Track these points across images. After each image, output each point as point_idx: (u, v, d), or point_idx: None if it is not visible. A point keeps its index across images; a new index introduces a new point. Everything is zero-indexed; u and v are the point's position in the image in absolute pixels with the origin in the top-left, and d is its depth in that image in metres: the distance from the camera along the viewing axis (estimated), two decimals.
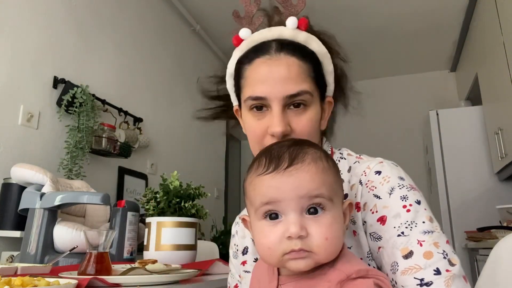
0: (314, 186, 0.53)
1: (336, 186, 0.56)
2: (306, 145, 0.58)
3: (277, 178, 0.53)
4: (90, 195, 1.25)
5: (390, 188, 0.65)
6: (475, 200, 3.05)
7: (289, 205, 0.52)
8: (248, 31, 0.77)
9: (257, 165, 0.57)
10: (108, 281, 0.81)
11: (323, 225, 0.52)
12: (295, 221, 0.51)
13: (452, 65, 4.12)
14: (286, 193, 0.52)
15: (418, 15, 3.27)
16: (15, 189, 1.50)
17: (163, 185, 1.24)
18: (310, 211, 0.53)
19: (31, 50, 1.81)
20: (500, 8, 2.56)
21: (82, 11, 2.14)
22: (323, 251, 0.51)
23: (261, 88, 0.70)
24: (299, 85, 0.69)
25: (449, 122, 3.31)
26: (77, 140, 1.84)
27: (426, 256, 0.57)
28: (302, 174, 0.53)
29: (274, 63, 0.70)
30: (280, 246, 0.52)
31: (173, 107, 3.00)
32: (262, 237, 0.54)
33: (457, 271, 0.56)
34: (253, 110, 0.72)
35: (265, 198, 0.53)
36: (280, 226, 0.52)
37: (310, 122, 0.71)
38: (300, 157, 0.55)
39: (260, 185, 0.55)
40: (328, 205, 0.53)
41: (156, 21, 2.88)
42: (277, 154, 0.56)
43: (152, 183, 2.56)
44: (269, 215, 0.54)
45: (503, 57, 2.52)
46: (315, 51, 0.74)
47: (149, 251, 1.17)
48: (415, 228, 0.60)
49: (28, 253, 1.19)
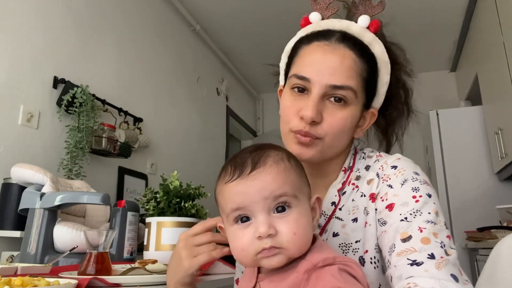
0: (277, 186, 0.55)
1: (300, 184, 0.59)
2: (268, 148, 0.60)
3: (242, 184, 0.56)
4: (90, 195, 1.24)
5: (403, 180, 0.66)
6: (475, 200, 3.05)
7: (257, 207, 0.55)
8: (318, 16, 0.77)
9: (224, 174, 0.59)
10: (108, 281, 0.81)
11: (290, 221, 0.55)
12: (263, 221, 0.54)
13: (452, 65, 4.12)
14: (252, 196, 0.55)
15: (418, 15, 3.27)
16: (15, 189, 1.50)
17: (163, 185, 1.24)
18: (278, 210, 0.55)
19: (31, 50, 1.81)
20: (500, 8, 2.56)
21: (82, 11, 2.14)
22: (293, 246, 0.54)
23: (308, 69, 0.69)
24: (346, 79, 0.68)
25: (449, 122, 3.31)
26: (77, 140, 1.84)
27: (423, 241, 0.58)
28: (265, 176, 0.56)
29: (330, 50, 0.69)
30: (252, 246, 0.54)
31: (173, 107, 3.00)
32: (235, 240, 0.57)
33: (452, 259, 0.56)
34: (293, 90, 0.71)
35: (234, 204, 0.56)
36: (251, 228, 0.55)
37: (344, 121, 0.69)
38: (262, 160, 0.57)
39: (228, 193, 0.57)
40: (293, 202, 0.56)
41: (156, 21, 2.88)
42: (240, 161, 0.58)
43: (152, 183, 2.56)
44: (240, 218, 0.57)
45: (503, 57, 2.52)
46: (376, 56, 0.73)
47: (149, 251, 1.17)
48: (419, 216, 0.61)
49: (28, 253, 1.19)
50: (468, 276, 0.57)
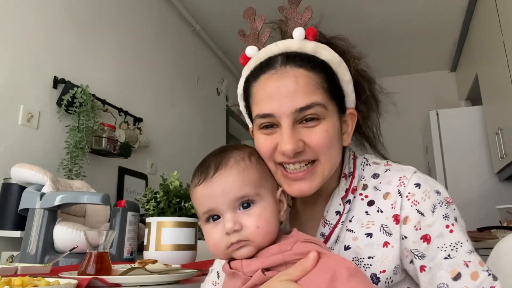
0: (238, 188, 0.61)
1: (261, 180, 0.64)
2: (232, 149, 0.65)
3: (207, 187, 0.62)
4: (90, 195, 1.24)
5: (432, 206, 0.65)
6: (475, 200, 3.05)
7: (223, 207, 0.61)
8: (254, 49, 0.73)
9: (193, 178, 0.65)
10: (108, 281, 0.81)
11: (254, 216, 0.61)
12: (229, 219, 0.60)
13: (452, 65, 4.12)
14: (217, 199, 0.61)
15: (418, 15, 3.27)
16: (15, 189, 1.50)
17: (163, 185, 1.24)
18: (244, 206, 0.61)
19: (31, 50, 1.81)
20: (500, 8, 2.56)
21: (82, 11, 2.14)
22: (257, 237, 0.60)
23: (268, 105, 0.66)
24: (308, 98, 0.65)
25: (449, 122, 3.31)
26: (77, 140, 1.84)
27: (473, 277, 0.61)
28: (226, 178, 0.61)
29: (280, 77, 0.66)
30: (222, 241, 0.61)
31: (173, 107, 3.00)
32: (208, 237, 0.63)
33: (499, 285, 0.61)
34: (263, 130, 0.69)
35: (204, 208, 0.63)
36: (220, 225, 0.61)
37: (326, 134, 0.66)
38: (223, 162, 0.63)
39: (197, 196, 0.63)
40: (256, 198, 0.62)
41: (156, 21, 2.87)
42: (205, 164, 0.64)
43: (152, 183, 2.56)
44: (211, 217, 0.63)
45: (503, 57, 2.52)
46: (327, 60, 0.69)
47: (149, 251, 1.17)
48: (460, 248, 0.63)
49: (28, 253, 1.19)
50: None
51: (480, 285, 0.60)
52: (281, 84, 0.66)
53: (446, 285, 0.62)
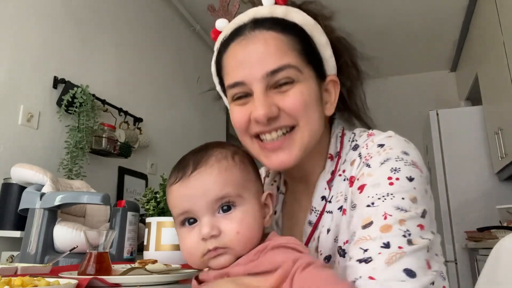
0: (218, 188, 0.54)
1: (244, 182, 0.57)
2: (214, 146, 0.59)
3: (184, 186, 0.55)
4: (90, 195, 1.24)
5: (385, 158, 0.57)
6: (475, 200, 3.05)
7: (200, 209, 0.54)
8: (224, 21, 0.69)
9: (170, 176, 0.58)
10: (108, 281, 0.81)
11: (234, 221, 0.54)
12: (206, 223, 0.53)
13: (452, 65, 4.12)
14: (194, 199, 0.54)
15: (418, 15, 3.27)
16: (15, 189, 1.50)
17: (163, 185, 1.24)
18: (224, 209, 0.54)
19: (31, 50, 1.81)
20: (500, 8, 2.56)
21: (82, 11, 2.14)
22: (237, 245, 0.53)
23: (238, 73, 0.62)
24: (279, 60, 0.60)
25: (449, 122, 3.30)
26: (77, 140, 1.84)
27: (383, 229, 0.50)
28: (206, 177, 0.55)
29: (249, 42, 0.62)
30: (198, 248, 0.54)
31: (173, 107, 3.00)
32: (183, 243, 0.57)
33: (412, 250, 0.48)
34: (236, 102, 0.65)
35: (179, 209, 0.56)
36: (196, 230, 0.55)
37: (300, 97, 0.60)
38: (203, 160, 0.56)
39: (173, 196, 0.57)
40: (238, 201, 0.55)
41: (156, 21, 2.88)
42: (184, 161, 0.57)
43: (152, 183, 2.56)
44: (187, 220, 0.56)
45: (503, 57, 2.52)
46: (299, 23, 0.65)
47: (149, 251, 1.17)
48: (389, 201, 0.53)
49: (28, 253, 1.19)
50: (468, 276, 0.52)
51: (384, 239, 0.49)
52: (250, 50, 0.62)
53: (354, 234, 0.54)
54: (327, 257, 0.63)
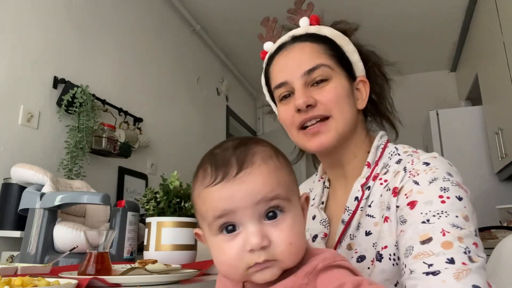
0: (269, 189, 0.48)
1: (291, 184, 0.52)
2: (253, 143, 0.53)
3: (227, 188, 0.48)
4: (90, 195, 1.24)
5: (433, 178, 0.61)
6: (475, 200, 3.01)
7: (246, 214, 0.47)
8: (270, 43, 0.85)
9: (203, 175, 0.51)
10: (108, 281, 0.81)
11: (285, 229, 0.48)
12: (255, 231, 0.47)
13: (452, 65, 4.11)
14: (240, 202, 0.47)
15: (418, 15, 3.27)
16: (15, 189, 1.49)
17: (163, 185, 1.24)
18: (269, 216, 0.48)
19: (31, 50, 1.81)
20: (500, 8, 2.56)
21: (82, 11, 2.14)
22: (288, 257, 0.48)
23: (281, 75, 0.76)
24: (314, 61, 0.74)
25: (449, 122, 3.30)
26: (77, 140, 1.84)
27: (444, 245, 0.53)
28: (254, 177, 0.48)
29: (290, 52, 0.78)
30: (242, 260, 0.47)
31: (173, 107, 3.00)
32: (221, 255, 0.50)
33: (475, 268, 0.50)
34: (282, 101, 0.78)
35: (218, 212, 0.48)
36: (239, 239, 0.48)
37: (334, 90, 0.73)
38: (248, 159, 0.50)
39: (210, 198, 0.49)
40: (286, 206, 0.49)
41: (156, 21, 2.87)
42: (222, 159, 0.50)
43: (152, 183, 2.56)
44: (225, 227, 0.49)
45: (503, 57, 2.52)
46: (329, 35, 0.79)
47: (149, 251, 1.17)
48: (444, 218, 0.55)
49: (28, 253, 1.19)
50: None
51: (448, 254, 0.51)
52: (290, 57, 0.77)
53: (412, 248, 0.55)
54: (361, 256, 0.68)
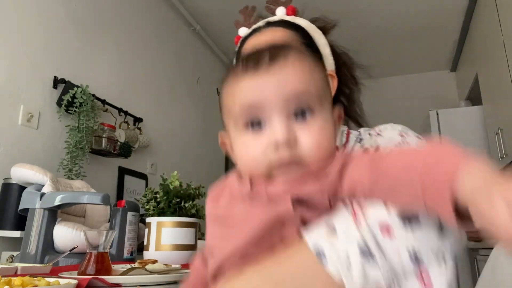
0: (300, 84, 0.45)
1: (324, 88, 0.48)
2: (288, 46, 0.51)
3: (257, 78, 0.45)
4: (90, 195, 1.24)
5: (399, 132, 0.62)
6: None
7: (274, 108, 0.44)
8: (244, 29, 0.87)
9: (234, 71, 0.48)
10: (108, 281, 0.81)
11: (314, 130, 0.44)
12: (282, 125, 0.43)
13: (452, 65, 4.11)
14: (269, 93, 0.44)
15: (418, 15, 3.27)
16: (15, 189, 1.50)
17: (163, 185, 1.24)
18: (298, 116, 0.45)
19: (31, 50, 1.81)
20: (500, 8, 2.56)
21: (82, 11, 2.14)
22: (314, 159, 0.44)
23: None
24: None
25: (449, 122, 3.31)
26: (77, 140, 1.84)
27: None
28: (287, 71, 0.45)
29: (262, 34, 0.79)
30: (265, 157, 0.44)
31: (173, 107, 3.00)
32: (245, 150, 0.46)
33: None
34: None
35: (246, 101, 0.45)
36: (265, 135, 0.45)
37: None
38: (282, 54, 0.46)
39: (239, 89, 0.46)
40: (317, 107, 0.46)
41: (156, 21, 2.87)
42: (255, 55, 0.47)
43: (152, 183, 2.56)
44: (251, 124, 0.46)
45: (503, 57, 2.52)
46: (303, 25, 0.79)
47: (149, 251, 1.17)
48: None
49: (28, 253, 1.19)
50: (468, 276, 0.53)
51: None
52: (261, 40, 0.77)
53: None
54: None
